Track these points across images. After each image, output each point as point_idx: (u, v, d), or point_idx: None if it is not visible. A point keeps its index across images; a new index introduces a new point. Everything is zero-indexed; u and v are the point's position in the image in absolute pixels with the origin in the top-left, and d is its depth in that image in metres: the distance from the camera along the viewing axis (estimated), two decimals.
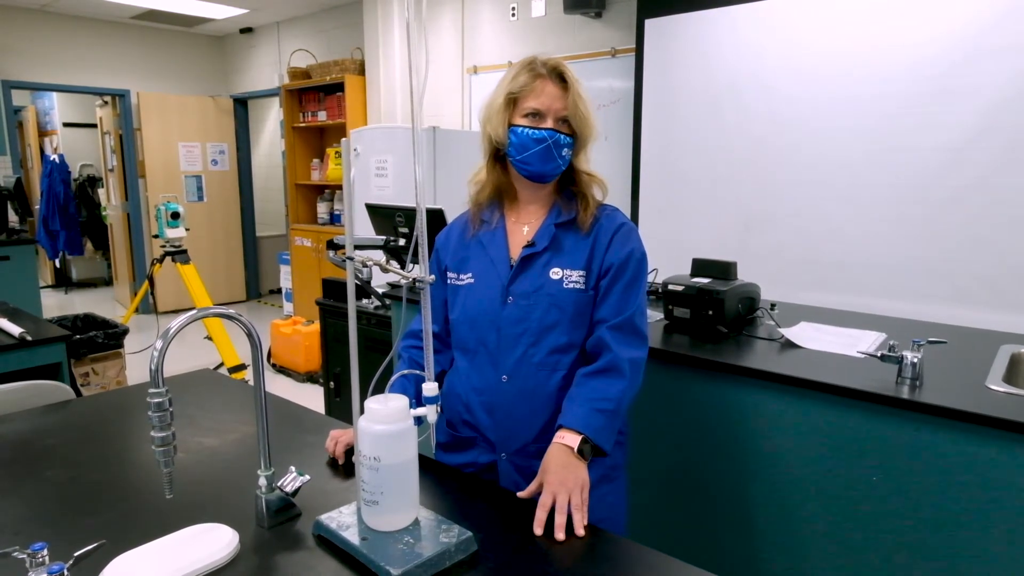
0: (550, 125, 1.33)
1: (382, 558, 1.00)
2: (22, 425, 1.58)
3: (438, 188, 3.99)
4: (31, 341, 2.45)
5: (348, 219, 1.07)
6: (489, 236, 1.45)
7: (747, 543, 1.87)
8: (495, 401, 1.39)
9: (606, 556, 1.07)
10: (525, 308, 1.37)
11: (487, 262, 1.43)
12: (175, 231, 4.77)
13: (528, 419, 1.38)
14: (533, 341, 1.37)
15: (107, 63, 6.45)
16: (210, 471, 1.36)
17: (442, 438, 1.50)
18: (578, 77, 1.37)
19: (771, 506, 1.81)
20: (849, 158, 3.10)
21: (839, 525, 1.70)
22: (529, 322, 1.37)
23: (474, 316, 1.41)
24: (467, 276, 1.44)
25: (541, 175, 1.37)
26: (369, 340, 3.32)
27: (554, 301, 1.36)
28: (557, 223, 1.40)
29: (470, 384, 1.43)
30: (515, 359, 1.38)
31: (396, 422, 1.05)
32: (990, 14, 2.70)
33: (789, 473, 1.77)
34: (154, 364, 0.98)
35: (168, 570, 0.98)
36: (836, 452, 1.68)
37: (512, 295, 1.38)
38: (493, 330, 1.39)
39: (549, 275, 1.38)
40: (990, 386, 1.61)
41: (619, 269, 1.38)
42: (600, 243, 1.39)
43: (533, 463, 1.33)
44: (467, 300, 1.43)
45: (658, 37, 3.68)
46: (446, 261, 1.49)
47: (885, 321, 2.26)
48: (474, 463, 1.44)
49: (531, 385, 1.37)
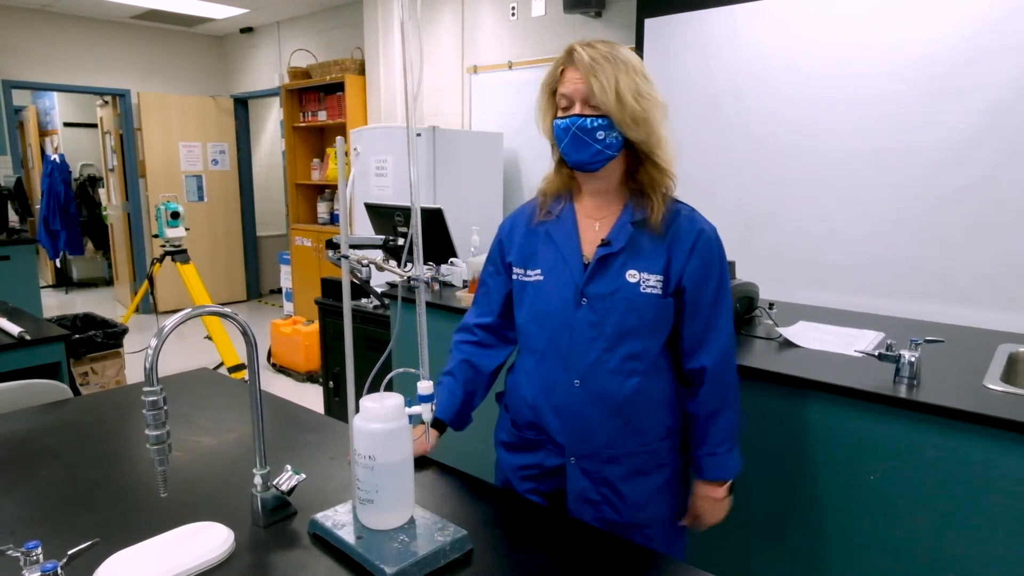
0: (577, 111, 1.26)
1: (377, 557, 1.00)
2: (19, 424, 1.58)
3: (437, 188, 3.99)
4: (30, 340, 2.45)
5: (344, 218, 1.07)
6: (559, 229, 1.36)
7: (742, 541, 1.87)
8: (566, 405, 1.33)
9: (602, 555, 1.07)
10: (601, 312, 1.29)
11: (558, 258, 1.34)
12: (175, 231, 4.78)
13: (600, 425, 1.33)
14: (608, 346, 1.30)
15: (107, 63, 6.45)
16: (207, 470, 1.36)
17: (505, 437, 1.47)
18: (610, 53, 1.25)
19: (767, 505, 1.81)
20: (849, 157, 3.10)
21: (836, 524, 1.70)
22: (604, 326, 1.29)
23: (543, 317, 1.34)
24: (535, 272, 1.36)
25: (581, 164, 1.29)
26: (369, 340, 3.32)
27: (631, 306, 1.29)
28: (633, 222, 1.32)
29: (538, 386, 1.36)
30: (588, 363, 1.31)
31: (391, 420, 1.05)
32: (991, 14, 2.69)
33: (786, 472, 1.77)
34: (148, 363, 0.98)
35: (162, 568, 0.98)
36: (833, 451, 1.68)
37: (587, 297, 1.30)
38: (566, 332, 1.32)
39: (626, 277, 1.29)
40: (988, 385, 1.61)
41: (704, 287, 1.33)
42: (678, 250, 1.31)
43: (604, 468, 1.34)
44: (536, 299, 1.36)
45: (658, 37, 3.68)
46: (511, 255, 1.41)
47: (883, 320, 2.26)
48: (540, 465, 1.39)
49: (605, 391, 1.31)
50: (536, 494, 1.41)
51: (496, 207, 4.36)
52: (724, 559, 1.90)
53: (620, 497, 1.35)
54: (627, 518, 1.36)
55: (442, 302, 2.51)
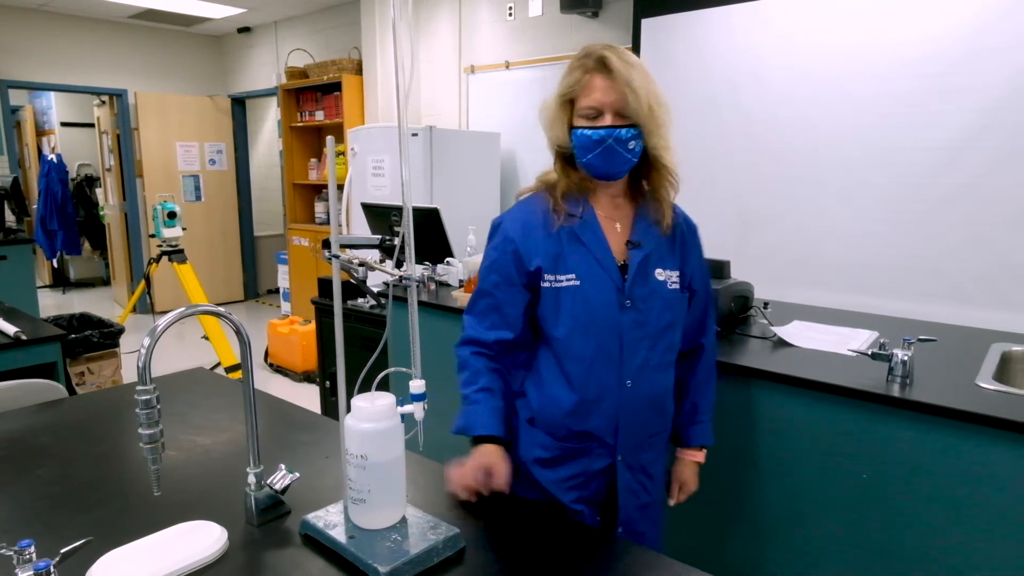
0: (608, 122, 1.25)
1: (369, 556, 1.00)
2: (13, 423, 1.58)
3: (434, 187, 3.99)
4: (26, 340, 2.45)
5: (334, 217, 1.08)
6: (586, 232, 1.34)
7: (738, 540, 1.87)
8: (619, 406, 1.34)
9: (595, 553, 1.07)
10: (644, 312, 1.33)
11: (591, 261, 1.32)
12: (172, 231, 4.78)
13: (649, 419, 1.39)
14: (651, 345, 1.35)
15: (105, 63, 6.45)
16: (201, 469, 1.36)
17: (541, 454, 1.38)
18: (634, 60, 1.27)
19: (762, 502, 1.81)
20: (846, 157, 3.10)
21: (829, 521, 1.70)
22: (648, 326, 1.34)
23: (588, 324, 1.32)
24: (568, 277, 1.32)
25: (608, 175, 1.31)
26: (365, 339, 3.32)
27: (666, 304, 1.36)
28: (652, 223, 1.37)
29: (587, 393, 1.33)
30: (637, 364, 1.33)
31: (383, 420, 1.05)
32: (988, 13, 2.70)
33: (779, 469, 1.77)
34: (141, 362, 0.98)
35: (156, 567, 0.99)
36: (826, 449, 1.69)
37: (631, 299, 1.32)
38: (615, 336, 1.32)
39: (656, 276, 1.35)
40: (980, 384, 1.62)
41: (704, 273, 1.49)
42: (686, 249, 1.43)
43: (640, 456, 1.40)
44: (576, 306, 1.32)
45: (655, 37, 3.68)
46: (537, 261, 1.33)
47: (877, 320, 2.26)
48: (585, 472, 1.37)
49: (652, 387, 1.37)
50: (581, 502, 1.38)
51: (493, 207, 4.36)
52: (714, 555, 1.90)
53: (651, 479, 1.43)
54: (655, 496, 1.45)
55: (438, 302, 2.52)
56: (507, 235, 1.36)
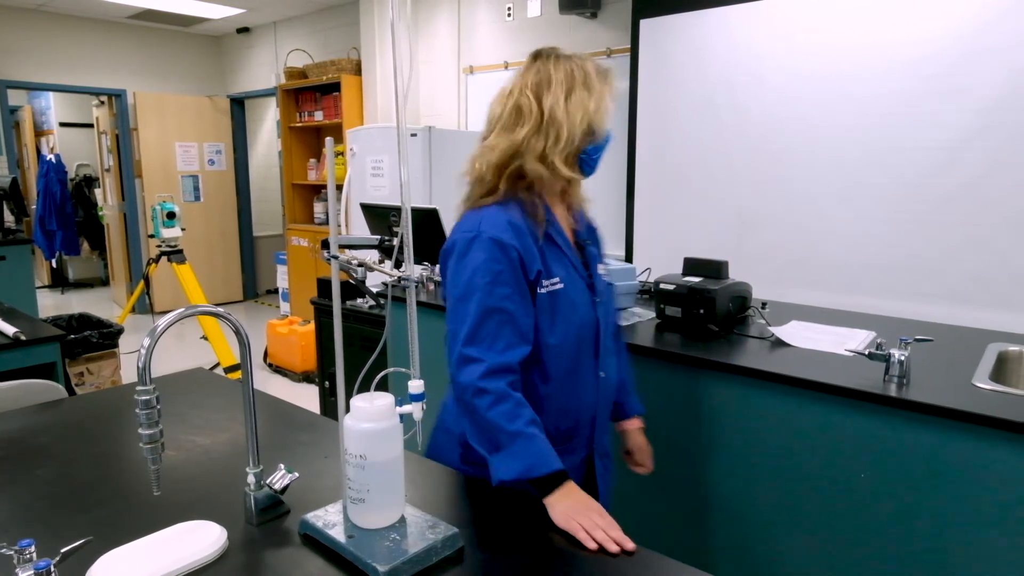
0: None
1: (368, 555, 1.01)
2: (13, 424, 1.59)
3: (433, 188, 4.00)
4: (25, 341, 2.45)
5: (333, 218, 1.08)
6: (558, 234, 1.36)
7: (735, 539, 1.88)
8: (599, 399, 1.43)
9: (593, 552, 1.08)
10: (606, 304, 1.44)
11: (567, 263, 1.35)
12: (171, 231, 4.78)
13: (611, 405, 1.50)
14: (612, 333, 1.48)
15: (104, 63, 6.45)
16: (201, 469, 1.36)
17: None
18: None
19: (760, 502, 1.82)
20: (844, 157, 3.11)
21: (827, 521, 1.71)
22: (609, 316, 1.46)
23: (576, 325, 1.34)
24: (553, 281, 1.33)
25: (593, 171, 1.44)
26: (364, 339, 3.32)
27: (612, 295, 1.52)
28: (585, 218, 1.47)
29: (572, 391, 1.36)
30: (605, 355, 1.43)
31: (382, 420, 1.06)
32: (987, 13, 2.71)
33: (778, 470, 1.78)
34: (141, 362, 0.99)
35: (155, 567, 0.99)
36: (824, 449, 1.69)
37: (598, 295, 1.41)
38: (591, 332, 1.39)
39: (600, 271, 1.45)
40: (976, 384, 1.62)
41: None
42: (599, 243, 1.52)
43: (603, 440, 1.47)
44: (565, 308, 1.32)
45: (653, 37, 3.69)
46: (536, 266, 1.30)
47: (875, 320, 2.27)
48: (571, 467, 1.34)
49: (614, 375, 1.48)
50: None
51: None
52: (713, 556, 1.91)
53: (611, 459, 1.53)
54: (611, 470, 1.54)
55: (437, 302, 2.52)
56: (505, 242, 1.26)
